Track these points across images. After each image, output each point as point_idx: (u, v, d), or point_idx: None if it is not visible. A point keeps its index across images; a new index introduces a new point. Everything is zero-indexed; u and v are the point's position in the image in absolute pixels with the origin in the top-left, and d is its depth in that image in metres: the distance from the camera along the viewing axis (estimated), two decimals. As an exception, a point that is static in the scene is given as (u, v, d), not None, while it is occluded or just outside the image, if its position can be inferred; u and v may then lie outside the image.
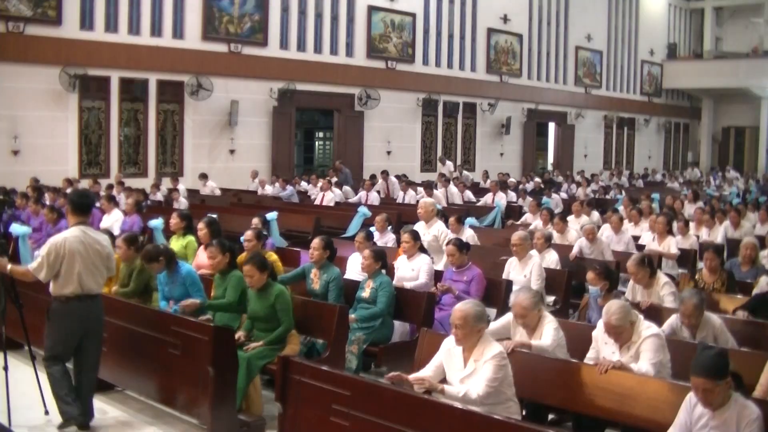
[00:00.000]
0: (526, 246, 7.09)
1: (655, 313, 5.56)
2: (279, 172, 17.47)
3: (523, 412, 4.49)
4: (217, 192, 15.32)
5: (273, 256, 6.87)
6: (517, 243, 7.02)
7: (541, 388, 4.54)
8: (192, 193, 15.13)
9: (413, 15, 21.17)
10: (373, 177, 16.75)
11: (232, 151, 17.56)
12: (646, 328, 4.47)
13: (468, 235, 8.72)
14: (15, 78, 14.28)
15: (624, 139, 29.63)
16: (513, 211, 13.58)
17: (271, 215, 9.62)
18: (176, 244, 7.29)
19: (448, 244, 6.72)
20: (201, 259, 6.89)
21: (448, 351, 4.17)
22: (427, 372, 4.21)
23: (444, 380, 4.18)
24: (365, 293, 6.11)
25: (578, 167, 24.76)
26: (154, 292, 6.34)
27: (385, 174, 16.82)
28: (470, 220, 9.88)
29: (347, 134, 20.06)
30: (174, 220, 7.50)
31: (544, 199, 13.44)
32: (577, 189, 18.42)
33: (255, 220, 7.91)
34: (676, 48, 31.33)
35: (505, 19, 23.85)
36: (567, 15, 26.22)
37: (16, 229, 8.36)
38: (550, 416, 5.12)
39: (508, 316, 5.08)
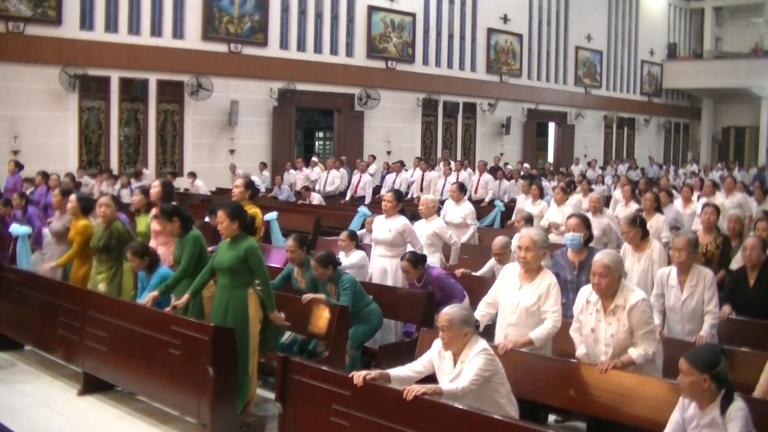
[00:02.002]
0: (508, 253, 6.72)
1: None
2: (279, 172, 17.44)
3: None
4: (203, 190, 15.22)
5: (254, 209, 6.83)
6: (498, 252, 6.70)
7: (541, 388, 4.52)
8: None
9: (413, 15, 21.16)
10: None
11: (232, 151, 17.55)
12: (631, 291, 4.37)
13: (467, 210, 8.91)
14: (15, 78, 14.27)
15: (624, 139, 29.62)
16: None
17: (271, 215, 9.62)
18: (142, 222, 6.99)
19: (402, 259, 6.43)
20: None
21: (439, 352, 4.13)
22: (416, 367, 4.15)
23: (433, 377, 4.15)
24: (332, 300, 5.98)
25: (578, 167, 24.69)
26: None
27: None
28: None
29: (347, 134, 20.06)
30: (137, 197, 7.09)
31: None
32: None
33: (239, 182, 7.29)
34: (676, 48, 31.32)
35: (505, 19, 23.86)
36: (567, 15, 26.21)
37: (16, 229, 8.34)
38: (553, 417, 5.13)
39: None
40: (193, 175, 15.64)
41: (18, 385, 6.00)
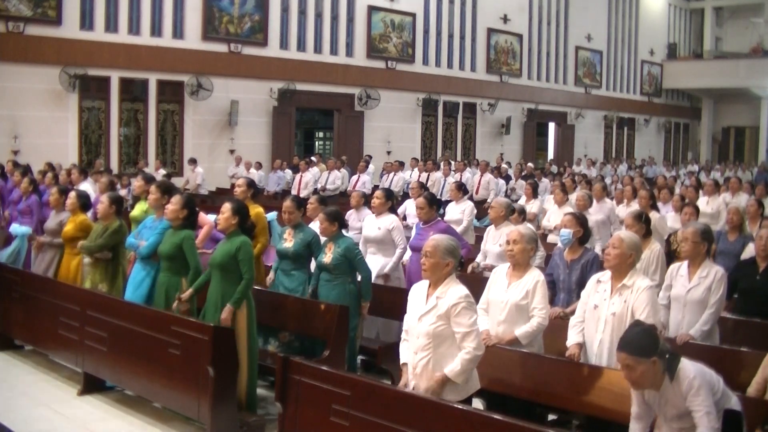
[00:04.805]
0: (504, 213, 6.86)
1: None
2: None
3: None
4: (200, 180, 15.29)
5: (257, 209, 6.86)
6: (495, 206, 6.87)
7: (541, 387, 4.53)
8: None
9: (413, 15, 21.16)
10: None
11: (232, 151, 17.56)
12: (642, 278, 4.41)
13: (467, 207, 8.96)
14: (15, 78, 14.28)
15: (624, 139, 29.61)
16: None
17: (272, 215, 9.62)
18: (139, 207, 7.06)
19: (419, 197, 6.58)
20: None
21: (413, 294, 4.11)
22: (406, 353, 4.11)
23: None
24: (326, 258, 5.84)
25: (578, 167, 24.69)
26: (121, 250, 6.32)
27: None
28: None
29: (347, 134, 20.06)
30: (138, 182, 7.26)
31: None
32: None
33: (240, 181, 7.35)
34: (676, 48, 31.31)
35: (505, 19, 23.85)
36: (567, 15, 26.21)
37: (16, 229, 8.34)
38: (553, 417, 5.13)
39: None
40: (193, 161, 15.65)
41: (18, 385, 6.00)
